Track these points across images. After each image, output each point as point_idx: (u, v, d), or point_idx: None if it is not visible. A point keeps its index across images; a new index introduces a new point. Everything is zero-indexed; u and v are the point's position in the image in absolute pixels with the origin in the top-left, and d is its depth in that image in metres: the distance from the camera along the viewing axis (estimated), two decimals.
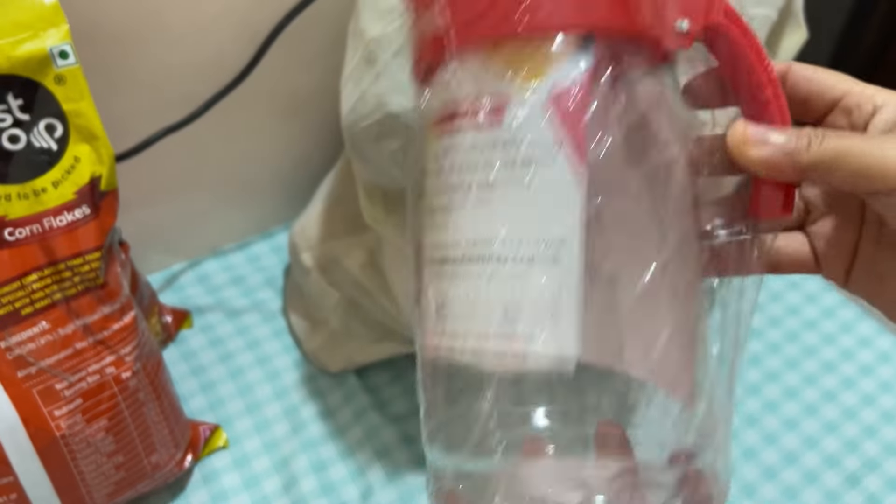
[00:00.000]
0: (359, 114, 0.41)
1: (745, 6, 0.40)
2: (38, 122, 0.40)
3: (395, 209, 0.45)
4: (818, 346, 0.62)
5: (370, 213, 0.47)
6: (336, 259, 0.55)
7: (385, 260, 0.50)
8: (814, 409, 0.57)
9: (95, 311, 0.43)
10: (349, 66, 0.43)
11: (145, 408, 0.46)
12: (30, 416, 0.41)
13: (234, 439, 0.54)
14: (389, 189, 0.45)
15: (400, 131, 0.39)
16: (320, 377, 0.58)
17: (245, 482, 0.52)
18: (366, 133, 0.41)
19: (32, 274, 0.41)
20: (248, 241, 0.69)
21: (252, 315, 0.62)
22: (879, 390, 0.58)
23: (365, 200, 0.47)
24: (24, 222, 0.40)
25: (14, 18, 0.39)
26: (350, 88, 0.42)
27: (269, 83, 0.59)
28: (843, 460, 0.54)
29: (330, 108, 0.63)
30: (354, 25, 0.44)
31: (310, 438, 0.54)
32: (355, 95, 0.41)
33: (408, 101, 0.38)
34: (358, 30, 0.43)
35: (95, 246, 0.42)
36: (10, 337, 0.41)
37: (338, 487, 0.51)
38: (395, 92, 0.39)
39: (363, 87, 0.41)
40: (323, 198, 0.57)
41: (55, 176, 0.41)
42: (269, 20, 0.54)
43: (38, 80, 0.40)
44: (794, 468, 0.53)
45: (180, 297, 0.64)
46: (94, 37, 0.49)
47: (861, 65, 1.33)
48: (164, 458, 0.48)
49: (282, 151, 0.65)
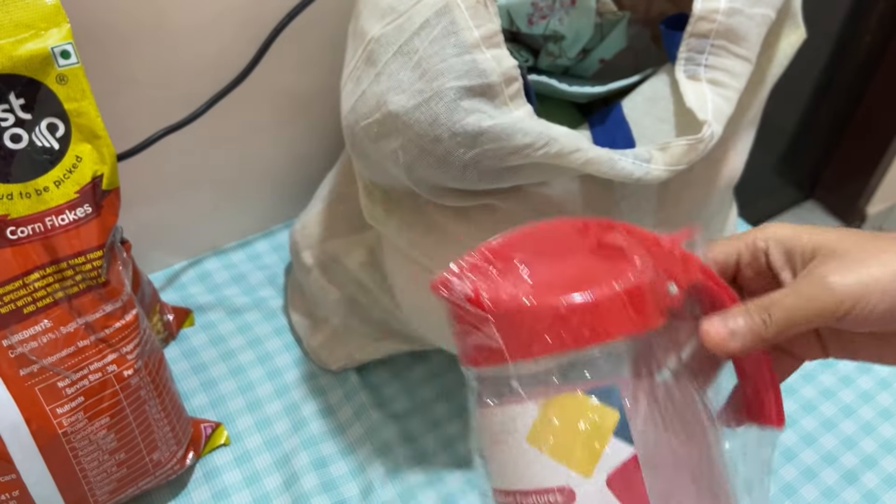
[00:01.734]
0: (359, 113, 0.41)
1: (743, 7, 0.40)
2: (39, 122, 0.40)
3: (394, 209, 0.45)
4: None
5: (370, 211, 0.47)
6: (336, 257, 0.55)
7: (385, 258, 0.50)
8: (811, 406, 0.57)
9: (97, 309, 0.43)
10: (349, 66, 0.43)
11: (147, 405, 0.46)
12: (32, 414, 0.42)
13: (236, 436, 0.54)
14: (389, 188, 0.45)
15: (400, 130, 0.39)
16: (321, 375, 0.58)
17: (246, 479, 0.52)
18: (365, 132, 0.41)
19: (34, 272, 0.41)
20: (249, 240, 0.69)
21: (253, 313, 0.63)
22: (877, 388, 0.59)
23: (365, 199, 0.47)
24: (26, 221, 0.41)
25: (16, 18, 0.39)
26: (350, 88, 0.42)
27: (270, 83, 0.59)
28: (841, 457, 0.54)
29: (330, 107, 0.63)
30: (354, 26, 0.44)
31: (310, 436, 0.54)
32: (355, 95, 0.41)
33: (407, 101, 0.38)
34: (358, 30, 0.43)
35: (97, 244, 0.43)
36: (12, 335, 0.41)
37: (338, 484, 0.51)
38: (395, 91, 0.39)
39: (363, 87, 0.41)
40: (323, 196, 0.58)
41: (57, 175, 0.41)
42: (270, 20, 0.54)
43: (40, 80, 0.40)
44: (792, 465, 0.54)
45: (182, 295, 0.64)
46: (95, 36, 0.49)
47: (859, 65, 1.33)
48: (165, 456, 0.49)
49: (282, 150, 0.65)
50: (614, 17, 0.49)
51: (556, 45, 0.49)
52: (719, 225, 0.58)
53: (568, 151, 0.38)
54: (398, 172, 0.41)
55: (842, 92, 1.36)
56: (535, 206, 0.43)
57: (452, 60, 0.37)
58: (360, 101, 0.41)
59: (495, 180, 0.40)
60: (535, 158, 0.38)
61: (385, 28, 0.40)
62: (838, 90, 1.35)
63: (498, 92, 0.37)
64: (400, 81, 0.39)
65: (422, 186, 0.41)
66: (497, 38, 0.37)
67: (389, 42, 0.39)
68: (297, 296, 0.61)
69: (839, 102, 1.38)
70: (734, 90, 0.42)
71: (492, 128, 0.37)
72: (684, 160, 0.40)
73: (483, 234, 0.43)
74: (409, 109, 0.38)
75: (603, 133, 0.48)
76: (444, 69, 0.37)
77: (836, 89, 1.35)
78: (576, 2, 0.46)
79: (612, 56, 0.51)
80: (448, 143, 0.38)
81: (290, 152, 0.66)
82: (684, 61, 0.42)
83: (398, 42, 0.39)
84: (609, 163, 0.38)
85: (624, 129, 0.47)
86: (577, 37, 0.48)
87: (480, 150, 0.37)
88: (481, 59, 0.37)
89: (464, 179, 0.39)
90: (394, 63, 0.39)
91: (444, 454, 0.54)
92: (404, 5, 0.39)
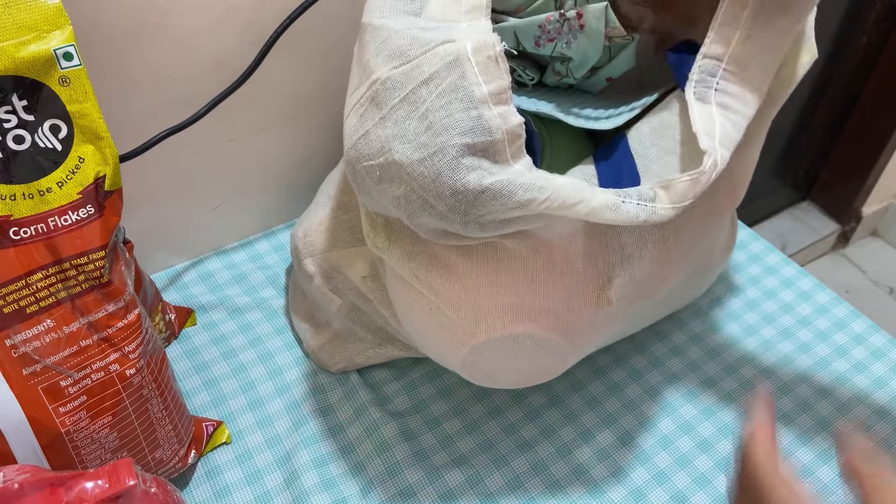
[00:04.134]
0: (361, 152, 0.40)
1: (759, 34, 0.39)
2: (42, 123, 0.41)
3: (397, 239, 0.45)
4: (811, 343, 0.62)
5: (372, 239, 0.46)
6: (339, 268, 0.55)
7: (387, 279, 0.50)
8: (808, 405, 0.58)
9: (100, 308, 0.44)
10: (353, 97, 0.42)
11: (149, 404, 0.46)
12: (35, 413, 0.42)
13: (237, 435, 0.55)
14: (392, 219, 0.45)
15: (403, 179, 0.38)
16: (321, 374, 0.59)
17: (247, 477, 0.52)
18: (368, 172, 0.40)
19: (37, 273, 0.41)
20: (251, 240, 0.70)
21: (254, 313, 0.63)
22: (873, 387, 0.59)
23: (367, 227, 0.46)
24: (30, 222, 0.41)
25: (18, 20, 0.39)
26: (354, 122, 0.41)
27: (272, 84, 0.60)
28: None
29: (331, 109, 0.64)
30: (359, 54, 0.42)
31: (311, 434, 0.54)
32: (359, 132, 0.40)
33: (412, 152, 0.37)
34: (364, 62, 0.41)
35: (100, 245, 0.43)
36: (15, 335, 0.41)
37: (338, 483, 0.52)
38: (400, 140, 0.38)
39: (367, 127, 0.40)
40: (325, 202, 0.57)
41: (60, 176, 0.41)
42: (271, 23, 0.54)
43: (43, 81, 0.40)
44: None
45: (184, 295, 0.64)
46: (98, 38, 0.50)
47: (855, 66, 1.33)
48: (167, 454, 0.49)
49: (283, 151, 0.65)
50: (623, 41, 0.48)
51: (563, 65, 0.48)
52: (722, 243, 0.58)
53: (571, 204, 0.37)
54: (399, 214, 0.40)
55: (838, 93, 1.37)
56: (538, 244, 0.42)
57: (459, 116, 0.36)
58: (363, 140, 0.40)
59: (498, 230, 0.39)
60: (538, 211, 0.37)
61: (392, 71, 0.39)
62: (834, 92, 1.36)
63: (500, 150, 0.37)
64: (405, 130, 0.38)
65: (423, 230, 0.41)
66: (505, 94, 0.37)
67: (396, 87, 0.38)
68: (298, 298, 0.62)
69: (835, 104, 1.38)
70: (744, 117, 0.41)
71: (493, 185, 0.36)
72: (689, 195, 0.39)
73: (485, 268, 0.43)
74: (414, 162, 0.37)
75: (608, 168, 0.47)
76: (450, 124, 0.36)
77: (833, 91, 1.35)
78: (584, 26, 0.45)
79: (619, 75, 0.50)
80: (450, 200, 0.37)
81: (292, 153, 0.66)
82: (695, 83, 0.42)
83: (405, 89, 0.38)
84: (614, 209, 0.38)
85: (629, 163, 0.46)
86: (585, 59, 0.48)
87: (482, 206, 0.37)
88: (488, 115, 0.36)
89: (466, 230, 0.39)
90: (400, 109, 0.38)
91: (444, 453, 0.54)
92: (414, 51, 0.38)
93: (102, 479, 0.36)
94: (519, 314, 0.43)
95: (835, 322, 0.64)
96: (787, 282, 0.67)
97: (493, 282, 0.42)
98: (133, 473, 0.36)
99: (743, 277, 0.67)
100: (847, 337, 0.63)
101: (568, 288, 0.43)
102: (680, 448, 0.55)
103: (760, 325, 0.63)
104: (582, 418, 0.56)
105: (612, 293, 0.44)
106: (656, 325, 0.62)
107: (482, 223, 0.38)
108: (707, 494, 0.52)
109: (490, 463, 0.53)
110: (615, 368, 0.60)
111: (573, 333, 0.45)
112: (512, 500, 0.51)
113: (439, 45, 0.37)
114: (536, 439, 0.55)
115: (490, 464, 0.53)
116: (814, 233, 1.52)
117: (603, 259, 0.44)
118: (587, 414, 0.57)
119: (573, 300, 0.44)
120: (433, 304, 0.44)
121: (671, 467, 0.54)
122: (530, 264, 0.42)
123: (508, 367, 0.46)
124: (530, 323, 0.43)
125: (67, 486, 0.36)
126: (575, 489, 0.52)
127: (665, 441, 0.55)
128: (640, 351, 0.61)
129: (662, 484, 0.53)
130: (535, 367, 0.46)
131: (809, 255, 1.53)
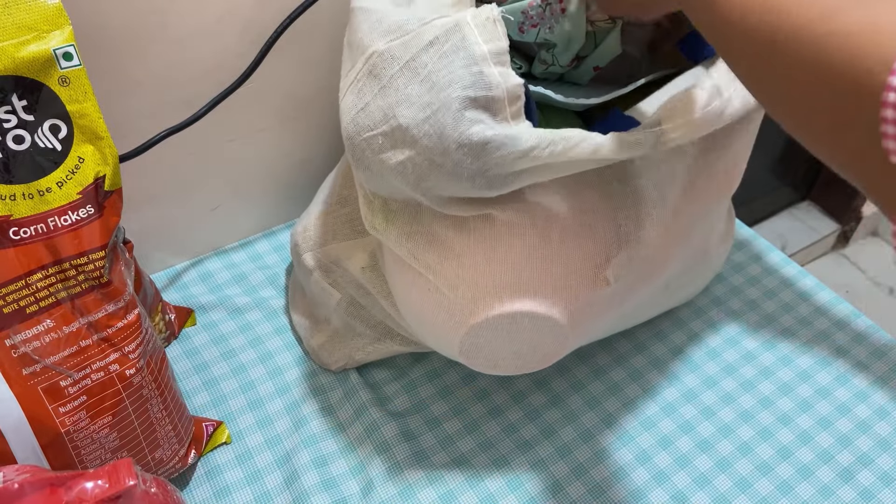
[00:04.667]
0: (361, 125, 0.41)
1: None
2: (42, 123, 0.41)
3: (394, 219, 0.46)
4: (811, 343, 0.62)
5: (370, 221, 0.47)
6: (338, 261, 0.55)
7: (385, 264, 0.50)
8: (808, 405, 0.58)
9: (100, 308, 0.44)
10: (348, 77, 0.43)
11: (149, 404, 0.46)
12: (35, 413, 0.42)
13: (237, 435, 0.55)
14: (389, 198, 0.45)
15: (408, 143, 0.39)
16: (321, 374, 0.59)
17: (247, 477, 0.52)
18: (368, 143, 0.41)
19: (37, 273, 0.41)
20: (250, 240, 0.70)
21: (254, 313, 0.63)
22: (874, 387, 0.59)
23: (365, 209, 0.47)
24: (29, 222, 0.41)
25: (18, 20, 0.39)
26: (351, 100, 0.42)
27: (271, 84, 0.60)
28: (837, 455, 0.55)
29: (331, 109, 0.64)
30: (351, 37, 0.44)
31: (311, 434, 0.54)
32: (357, 107, 0.41)
33: (416, 113, 0.38)
34: (356, 42, 0.42)
35: (100, 245, 0.43)
36: (15, 335, 0.41)
37: (338, 483, 0.52)
38: (404, 105, 0.39)
39: (366, 99, 0.41)
40: (325, 199, 0.58)
41: (60, 176, 0.42)
42: (271, 23, 0.54)
43: (43, 81, 0.40)
44: (788, 463, 0.54)
45: (183, 295, 0.64)
46: (98, 38, 0.50)
47: None
48: (167, 454, 0.49)
49: (283, 151, 0.65)
50: (606, 25, 0.49)
51: (548, 52, 0.49)
52: (720, 233, 0.59)
53: (575, 143, 0.38)
54: (403, 184, 0.41)
55: None
56: (534, 217, 0.43)
57: (461, 72, 0.37)
58: (363, 113, 0.41)
59: (506, 185, 0.40)
60: (543, 159, 0.38)
61: (390, 44, 0.40)
62: None
63: (500, 108, 0.37)
64: (408, 95, 0.39)
65: (429, 196, 0.41)
66: (505, 56, 0.38)
67: (395, 57, 0.40)
68: (297, 296, 0.62)
69: None
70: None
71: (496, 136, 0.37)
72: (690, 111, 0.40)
73: (482, 245, 0.43)
74: (419, 122, 0.38)
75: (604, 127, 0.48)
76: (452, 79, 0.37)
77: None
78: (566, 10, 0.47)
79: (606, 63, 0.51)
80: (455, 154, 0.38)
81: (291, 153, 0.66)
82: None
83: (405, 57, 0.39)
84: (619, 141, 0.39)
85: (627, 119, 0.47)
86: (568, 44, 0.48)
87: (488, 158, 0.38)
88: (489, 72, 0.37)
89: (473, 188, 0.39)
90: (400, 77, 0.39)
91: (444, 452, 0.54)
92: (412, 25, 0.40)
93: (102, 479, 0.36)
94: (516, 291, 0.43)
95: (835, 322, 0.64)
96: (787, 282, 0.67)
97: (491, 258, 0.43)
98: (133, 473, 0.36)
99: (743, 277, 0.67)
100: (847, 337, 0.63)
101: (565, 265, 0.44)
102: (680, 448, 0.55)
103: (760, 325, 0.63)
104: (582, 418, 0.56)
105: (610, 272, 0.45)
106: (656, 325, 0.62)
107: (489, 177, 0.39)
108: (707, 494, 0.52)
109: (490, 463, 0.53)
110: (615, 368, 0.60)
111: (572, 313, 0.45)
112: (512, 500, 0.51)
113: (437, 19, 0.39)
114: (536, 439, 0.55)
115: (490, 464, 0.53)
116: (814, 233, 1.52)
117: (601, 235, 0.44)
118: (587, 414, 0.57)
119: (571, 278, 0.44)
120: (431, 285, 0.45)
121: (671, 467, 0.54)
122: (528, 240, 0.43)
123: (507, 350, 0.47)
124: (528, 300, 0.44)
125: (67, 486, 0.36)
126: (575, 489, 0.52)
127: (665, 441, 0.55)
128: (640, 350, 0.61)
129: (662, 484, 0.53)
130: (534, 350, 0.47)
131: (809, 255, 1.53)
